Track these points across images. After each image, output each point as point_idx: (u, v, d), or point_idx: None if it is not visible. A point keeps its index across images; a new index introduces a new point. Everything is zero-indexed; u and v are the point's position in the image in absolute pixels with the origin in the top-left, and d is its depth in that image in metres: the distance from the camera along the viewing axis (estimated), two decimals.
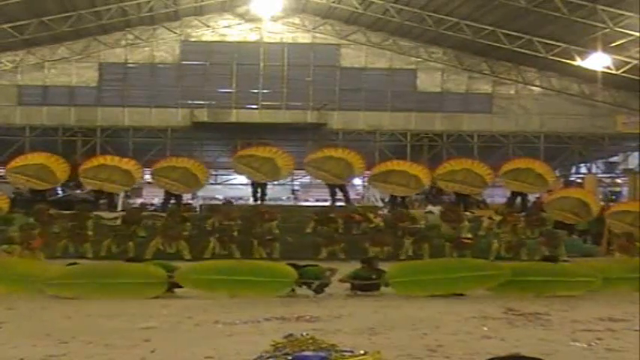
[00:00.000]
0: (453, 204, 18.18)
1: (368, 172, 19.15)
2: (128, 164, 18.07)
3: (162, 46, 32.85)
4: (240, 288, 9.18)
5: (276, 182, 23.00)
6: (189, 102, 32.79)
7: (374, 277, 9.72)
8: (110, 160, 18.36)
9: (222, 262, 10.66)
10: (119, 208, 20.24)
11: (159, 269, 9.46)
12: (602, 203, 21.59)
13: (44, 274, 9.38)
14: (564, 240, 16.01)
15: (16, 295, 8.93)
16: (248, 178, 18.86)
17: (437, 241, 15.02)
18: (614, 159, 36.96)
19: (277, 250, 14.62)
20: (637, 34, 25.59)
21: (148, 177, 21.40)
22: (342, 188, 18.29)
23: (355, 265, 10.49)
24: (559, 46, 28.91)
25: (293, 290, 9.39)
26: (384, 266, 10.16)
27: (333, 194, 18.21)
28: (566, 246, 15.61)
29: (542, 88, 33.70)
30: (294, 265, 9.61)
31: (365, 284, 9.61)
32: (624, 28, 25.64)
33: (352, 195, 21.35)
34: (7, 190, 19.15)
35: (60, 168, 17.59)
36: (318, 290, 9.38)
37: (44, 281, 9.18)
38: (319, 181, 19.45)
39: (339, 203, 18.05)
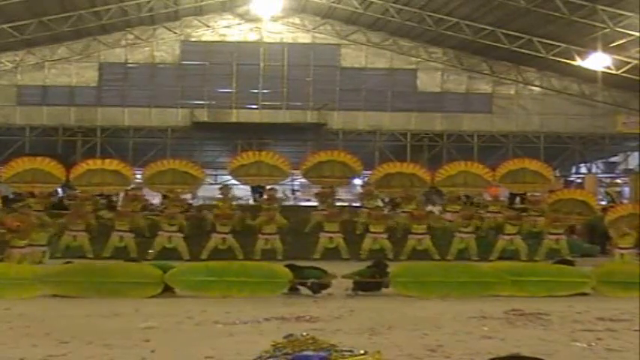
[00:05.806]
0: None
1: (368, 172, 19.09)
2: (112, 165, 17.96)
3: (162, 46, 32.75)
4: (232, 289, 9.14)
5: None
6: (189, 102, 32.69)
7: (379, 276, 9.72)
8: (93, 163, 18.22)
9: (214, 263, 10.55)
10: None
11: (155, 269, 9.43)
12: (602, 203, 21.57)
13: (35, 274, 9.36)
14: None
15: (14, 299, 8.85)
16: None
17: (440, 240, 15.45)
18: (614, 159, 36.86)
19: (280, 251, 14.63)
20: (637, 34, 25.54)
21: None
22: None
23: (355, 266, 10.49)
24: (559, 46, 28.87)
25: (293, 290, 9.39)
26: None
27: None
28: None
29: (542, 88, 33.62)
30: (292, 267, 9.58)
31: (367, 284, 9.60)
32: (624, 28, 25.60)
33: (352, 195, 21.33)
34: (4, 190, 19.06)
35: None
36: (316, 290, 9.36)
37: (40, 278, 9.17)
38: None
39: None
